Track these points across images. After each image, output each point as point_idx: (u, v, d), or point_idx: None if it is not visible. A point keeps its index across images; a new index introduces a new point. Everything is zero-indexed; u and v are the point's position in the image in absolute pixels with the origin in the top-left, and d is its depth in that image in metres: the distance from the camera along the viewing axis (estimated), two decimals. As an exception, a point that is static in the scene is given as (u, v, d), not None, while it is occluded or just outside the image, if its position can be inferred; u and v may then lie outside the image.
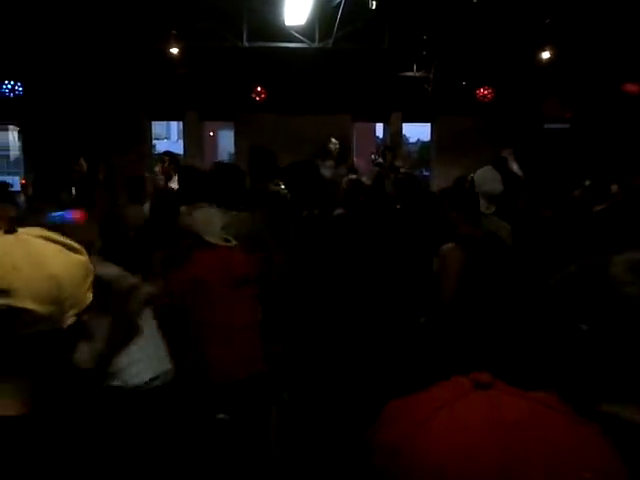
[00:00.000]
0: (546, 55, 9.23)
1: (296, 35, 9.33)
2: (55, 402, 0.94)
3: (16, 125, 11.94)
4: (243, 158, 12.32)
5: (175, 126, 23.34)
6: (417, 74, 10.72)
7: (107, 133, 10.23)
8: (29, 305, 0.89)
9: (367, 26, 8.86)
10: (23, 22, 8.28)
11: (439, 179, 10.74)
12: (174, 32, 9.12)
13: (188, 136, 12.09)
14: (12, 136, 13.38)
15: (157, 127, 20.13)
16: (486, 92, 10.74)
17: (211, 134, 20.14)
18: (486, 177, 3.73)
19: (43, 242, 0.95)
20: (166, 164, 6.21)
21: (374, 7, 7.70)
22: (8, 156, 16.61)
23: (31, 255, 0.92)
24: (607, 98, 10.07)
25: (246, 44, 9.35)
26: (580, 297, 1.09)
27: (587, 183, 5.01)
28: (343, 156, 7.58)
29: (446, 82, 10.54)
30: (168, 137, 25.91)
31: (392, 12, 8.68)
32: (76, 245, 0.99)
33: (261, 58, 9.79)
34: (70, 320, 0.94)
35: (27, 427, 0.88)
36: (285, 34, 9.27)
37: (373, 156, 8.24)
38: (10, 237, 0.94)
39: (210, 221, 3.04)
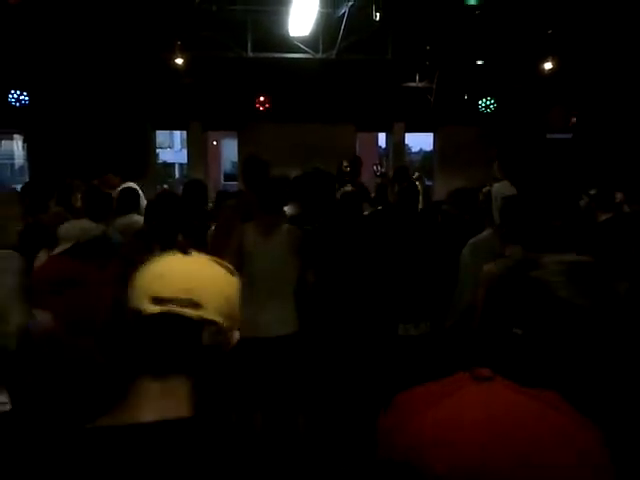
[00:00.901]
0: (548, 66, 9.28)
1: (300, 46, 9.40)
2: (213, 405, 1.04)
3: (21, 134, 12.01)
4: (247, 167, 12.31)
5: (178, 135, 23.40)
6: (420, 84, 10.79)
7: (111, 142, 10.29)
8: (216, 317, 1.01)
9: (370, 37, 8.93)
10: (29, 32, 8.36)
11: (441, 189, 10.76)
12: (179, 43, 9.19)
13: (192, 145, 12.15)
14: (17, 145, 13.47)
15: (160, 136, 20.21)
16: (488, 103, 10.80)
17: (214, 143, 20.20)
18: (504, 191, 3.71)
19: (215, 265, 1.07)
20: None
21: (378, 18, 7.76)
22: (13, 164, 16.68)
23: (213, 274, 1.05)
24: (610, 107, 10.11)
25: (250, 54, 9.42)
26: (512, 300, 1.07)
27: (592, 192, 5.02)
28: (355, 174, 7.68)
29: (449, 92, 10.60)
30: (171, 146, 25.96)
31: (395, 23, 8.76)
32: (232, 268, 1.10)
33: (265, 68, 9.86)
34: (237, 336, 1.07)
35: (196, 428, 0.96)
36: (289, 45, 9.34)
37: (375, 167, 8.26)
38: (191, 259, 1.06)
39: None
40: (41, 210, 4.25)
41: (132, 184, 5.71)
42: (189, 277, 1.01)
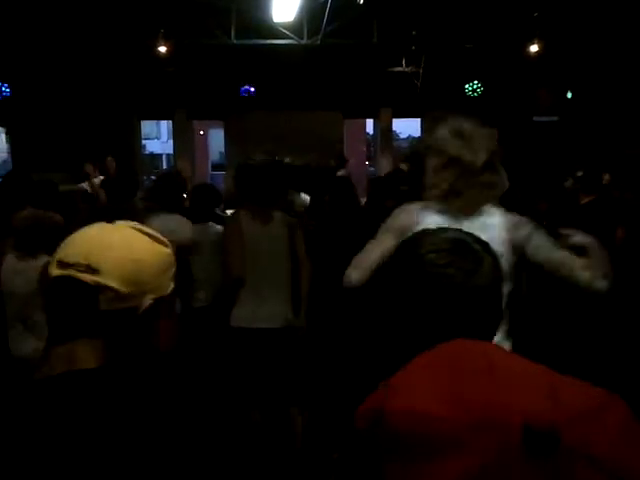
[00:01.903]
0: (534, 48, 9.25)
1: (284, 32, 9.30)
2: (127, 359, 1.06)
3: (3, 127, 11.85)
4: (233, 157, 12.39)
5: (165, 126, 23.20)
6: (406, 69, 10.73)
7: (96, 134, 10.18)
8: (114, 284, 1.01)
9: (355, 21, 8.85)
10: (9, 23, 8.21)
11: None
12: (162, 30, 9.07)
13: (178, 135, 12.05)
14: (0, 138, 13.28)
15: (147, 127, 20.02)
16: (475, 86, 10.76)
17: (201, 133, 20.06)
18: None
19: (134, 231, 1.09)
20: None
21: (362, 2, 7.69)
22: (-4, 158, 16.51)
23: (123, 240, 1.06)
24: (597, 89, 10.11)
25: (235, 41, 9.31)
26: (397, 279, 1.06)
27: (579, 174, 5.00)
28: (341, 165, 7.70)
29: (435, 77, 10.55)
30: (158, 137, 25.77)
31: (380, 7, 8.68)
32: (163, 238, 1.12)
33: (250, 55, 9.76)
34: (147, 302, 1.05)
35: (103, 377, 1.00)
36: (273, 31, 9.24)
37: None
38: (109, 225, 1.10)
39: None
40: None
41: None
42: (92, 243, 1.04)
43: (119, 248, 1.05)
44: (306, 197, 5.17)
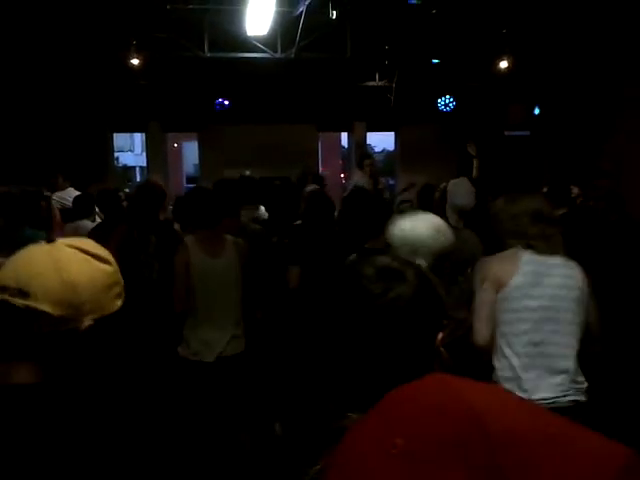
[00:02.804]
0: (504, 64, 9.43)
1: (258, 45, 9.32)
2: (65, 375, 1.05)
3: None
4: (207, 169, 12.33)
5: (139, 138, 23.03)
6: (380, 83, 10.83)
7: (68, 146, 10.05)
8: (45, 307, 1.01)
9: (329, 36, 8.92)
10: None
11: (403, 186, 10.84)
12: (134, 42, 9.01)
13: (152, 148, 11.96)
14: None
15: (120, 139, 19.83)
16: (447, 101, 10.91)
17: (175, 145, 19.95)
18: (460, 190, 3.66)
19: (72, 251, 1.07)
20: None
21: (334, 17, 7.76)
22: (-35, 170, 16.19)
23: (55, 262, 1.04)
24: (567, 103, 10.33)
25: (208, 54, 9.30)
26: (336, 299, 1.08)
27: (545, 189, 5.10)
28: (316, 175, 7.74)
29: (408, 91, 10.67)
30: (132, 149, 25.55)
31: (353, 22, 8.77)
32: (106, 256, 1.11)
33: (224, 69, 9.76)
34: (87, 323, 1.04)
35: (40, 393, 1.00)
36: (247, 44, 9.26)
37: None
38: (46, 246, 1.08)
39: None
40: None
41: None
42: (23, 266, 1.04)
43: (50, 271, 1.03)
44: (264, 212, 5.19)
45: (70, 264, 1.06)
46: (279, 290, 3.58)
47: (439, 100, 10.94)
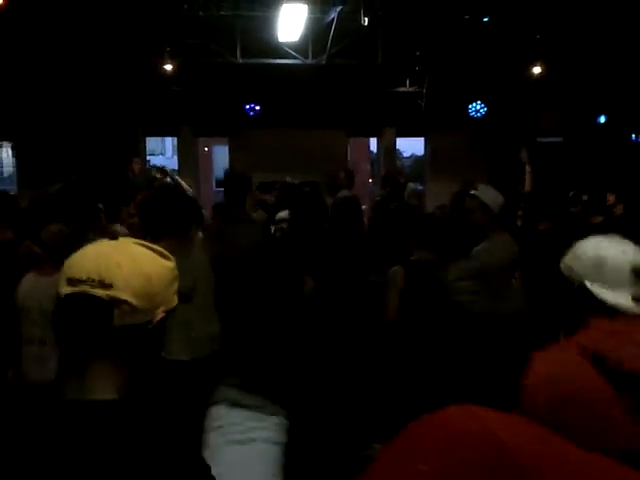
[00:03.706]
0: (537, 70, 9.32)
1: (290, 51, 9.39)
2: (145, 389, 1.06)
3: (10, 141, 11.94)
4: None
5: (170, 142, 23.34)
6: (410, 89, 10.80)
7: (102, 149, 10.24)
8: (127, 297, 1.02)
9: (360, 42, 8.94)
10: (15, 37, 8.30)
11: (433, 193, 10.78)
12: (168, 49, 9.17)
13: (183, 152, 12.11)
14: (6, 152, 13.39)
15: (151, 143, 20.12)
16: (479, 107, 10.82)
17: (206, 149, 20.16)
18: (489, 195, 3.62)
19: (139, 247, 1.11)
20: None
21: (366, 23, 7.77)
22: (2, 172, 16.62)
23: (130, 256, 1.07)
24: (599, 109, 10.16)
25: (240, 60, 9.40)
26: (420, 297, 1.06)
27: (585, 198, 5.04)
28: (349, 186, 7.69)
29: (439, 97, 10.62)
30: (163, 153, 25.89)
31: (384, 28, 8.76)
32: (166, 253, 1.14)
33: (255, 74, 9.84)
34: (159, 316, 1.07)
35: (122, 410, 1.00)
36: (279, 51, 9.33)
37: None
38: (113, 242, 1.11)
39: None
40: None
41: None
42: (102, 258, 1.04)
43: (129, 262, 1.05)
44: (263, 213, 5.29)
45: (143, 257, 1.08)
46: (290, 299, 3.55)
47: (470, 106, 10.86)
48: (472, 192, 3.64)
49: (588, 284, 1.47)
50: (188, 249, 3.09)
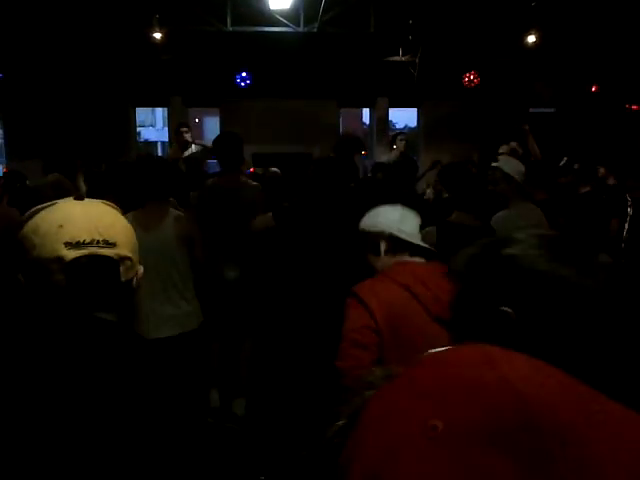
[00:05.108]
0: (532, 39, 9.21)
1: (281, 19, 9.22)
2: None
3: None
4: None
5: (160, 113, 23.07)
6: (403, 58, 10.67)
7: (90, 121, 10.11)
8: (127, 253, 1.06)
9: (352, 10, 8.79)
10: (2, 10, 8.11)
11: (426, 164, 10.74)
12: (157, 17, 8.97)
13: (173, 123, 11.95)
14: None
15: (142, 114, 19.86)
16: (472, 77, 10.71)
17: (197, 121, 19.94)
18: (511, 166, 3.64)
19: (106, 205, 1.12)
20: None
21: (359, -10, 7.62)
22: (-10, 144, 16.40)
23: (112, 214, 1.09)
24: (593, 80, 10.09)
25: (230, 29, 9.23)
26: (492, 279, 1.00)
27: (576, 166, 5.04)
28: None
29: (432, 67, 10.50)
30: (153, 124, 25.60)
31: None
32: (117, 207, 1.16)
33: (246, 43, 9.68)
34: (141, 270, 1.12)
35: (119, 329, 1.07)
36: (270, 18, 9.16)
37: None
38: (88, 201, 1.10)
39: None
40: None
41: None
42: (94, 219, 1.05)
43: (116, 220, 1.08)
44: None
45: (117, 214, 1.11)
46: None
47: (464, 76, 10.75)
48: (494, 164, 3.69)
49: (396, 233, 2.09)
50: (155, 216, 3.06)
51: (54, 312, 1.03)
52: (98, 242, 1.02)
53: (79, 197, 1.10)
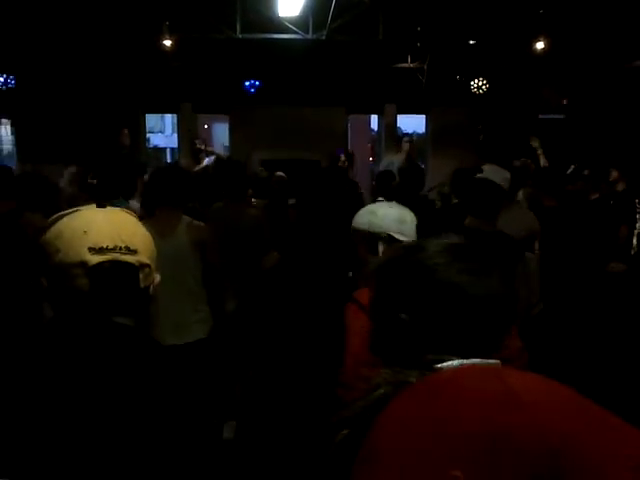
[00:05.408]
0: (540, 45, 9.20)
1: (290, 26, 9.27)
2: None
3: (8, 118, 11.85)
4: (237, 150, 12.36)
5: (169, 119, 23.18)
6: (411, 65, 10.68)
7: (100, 126, 10.17)
8: (147, 260, 1.10)
9: (361, 17, 8.82)
10: (14, 15, 8.20)
11: (434, 171, 10.73)
12: (167, 24, 9.04)
13: (182, 129, 12.03)
14: (5, 130, 13.29)
15: (151, 120, 19.96)
16: (480, 83, 10.70)
17: (206, 127, 20.02)
18: (496, 174, 3.65)
19: (126, 214, 1.15)
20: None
21: (367, -2, 7.66)
22: (1, 150, 16.55)
23: (133, 222, 1.13)
24: (603, 87, 10.06)
25: (240, 36, 9.28)
26: (396, 284, 1.03)
27: (586, 172, 5.03)
28: (351, 163, 7.77)
29: (440, 73, 10.51)
30: (162, 130, 25.71)
31: (386, 3, 8.64)
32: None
33: (255, 50, 9.74)
34: (157, 278, 1.15)
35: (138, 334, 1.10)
36: (279, 26, 9.21)
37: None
38: (110, 209, 1.14)
39: None
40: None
41: None
42: (116, 225, 1.09)
43: (136, 228, 1.12)
44: None
45: (137, 223, 1.15)
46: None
47: (472, 82, 10.75)
48: (478, 175, 3.68)
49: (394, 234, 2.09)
50: (169, 223, 3.08)
51: (75, 315, 1.05)
52: (120, 248, 1.05)
53: (101, 205, 1.14)
